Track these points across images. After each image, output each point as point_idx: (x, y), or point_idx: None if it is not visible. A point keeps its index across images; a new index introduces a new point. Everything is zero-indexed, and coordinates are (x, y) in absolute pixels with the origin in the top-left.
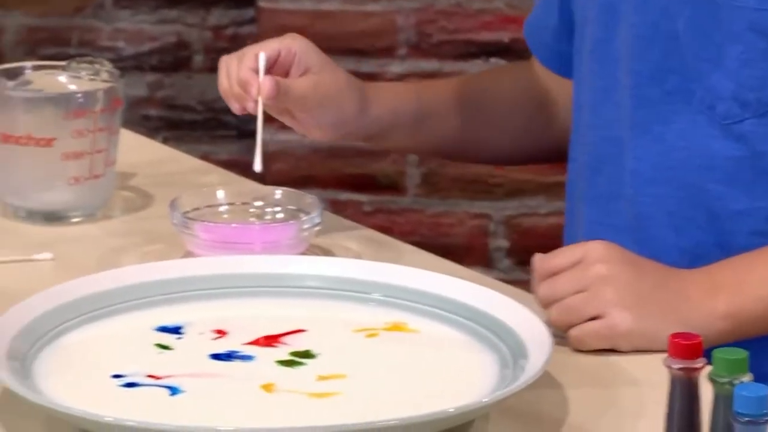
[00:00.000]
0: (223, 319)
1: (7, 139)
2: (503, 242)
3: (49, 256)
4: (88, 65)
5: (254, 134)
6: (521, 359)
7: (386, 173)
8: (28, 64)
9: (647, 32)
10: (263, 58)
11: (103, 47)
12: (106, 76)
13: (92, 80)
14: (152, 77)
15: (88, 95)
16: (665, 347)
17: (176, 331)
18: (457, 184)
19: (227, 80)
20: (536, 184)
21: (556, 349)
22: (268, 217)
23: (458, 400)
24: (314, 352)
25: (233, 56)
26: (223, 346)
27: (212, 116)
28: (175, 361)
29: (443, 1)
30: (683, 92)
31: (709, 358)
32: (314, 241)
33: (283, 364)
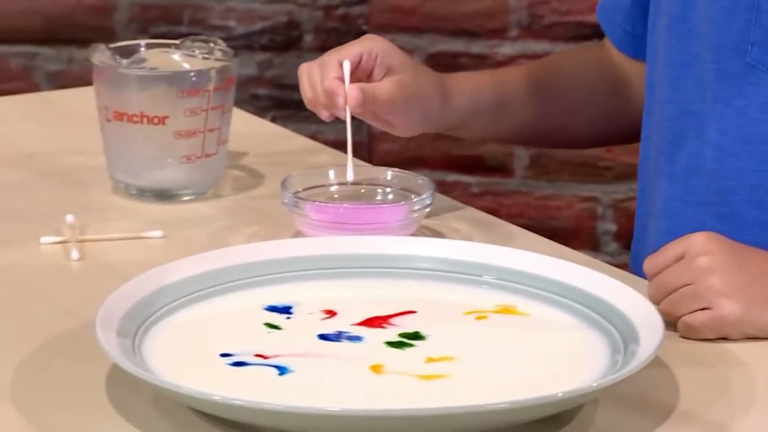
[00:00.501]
0: (332, 299)
1: (120, 116)
2: (611, 226)
3: (159, 234)
4: (202, 44)
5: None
6: (632, 344)
7: (494, 155)
8: (142, 42)
9: (729, 5)
10: (348, 66)
11: (214, 26)
12: (219, 54)
13: (206, 59)
14: (262, 56)
15: (201, 74)
16: None
17: (286, 310)
18: (565, 166)
19: (311, 90)
20: None
21: (666, 334)
22: (378, 197)
23: (568, 384)
24: (423, 333)
25: (314, 64)
26: (332, 326)
27: None
28: (283, 340)
29: None
30: (766, 64)
31: None
32: (424, 222)
33: (391, 345)
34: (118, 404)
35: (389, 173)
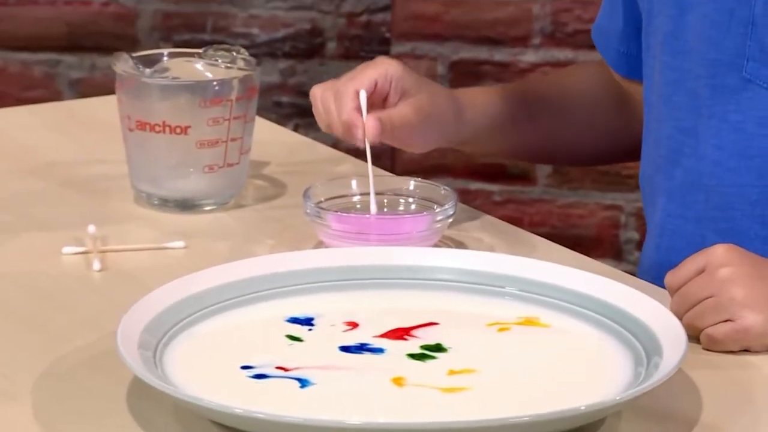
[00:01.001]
0: (354, 310)
1: (142, 126)
2: (634, 234)
3: (181, 244)
4: (224, 53)
5: None
6: (655, 356)
7: (517, 163)
8: (165, 51)
9: (723, 19)
10: (364, 96)
11: (237, 33)
12: (242, 64)
13: (228, 68)
14: (285, 64)
15: (224, 83)
16: None
17: (308, 322)
18: (588, 175)
19: (327, 116)
20: None
21: (689, 346)
22: (401, 208)
23: (591, 397)
24: (445, 345)
25: (329, 93)
26: (353, 338)
27: None
28: (305, 352)
29: None
30: (762, 78)
31: None
32: (446, 232)
33: (413, 357)
34: (138, 416)
35: (412, 183)
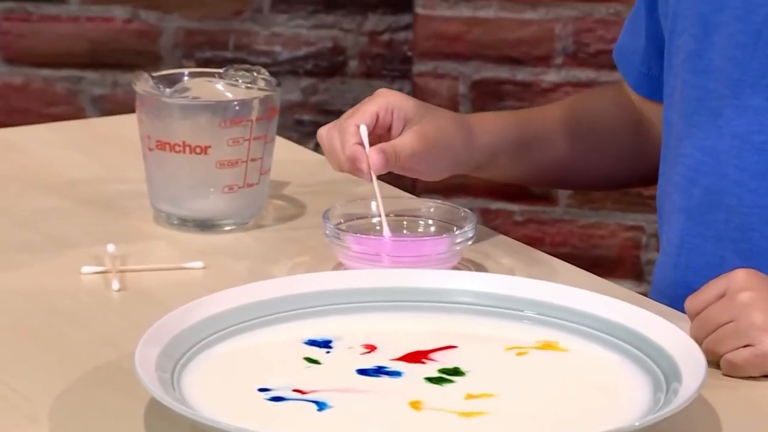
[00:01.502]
0: (372, 333)
1: (162, 146)
2: (655, 255)
3: (200, 264)
4: (245, 73)
5: None
6: (675, 382)
7: None
8: (185, 71)
9: (749, 41)
10: (365, 130)
11: (259, 51)
12: (262, 84)
13: (249, 88)
14: (307, 82)
15: (244, 103)
16: None
17: (326, 345)
18: (609, 195)
19: (335, 156)
20: None
21: (709, 371)
22: (420, 229)
23: (609, 422)
24: (463, 369)
25: (333, 131)
26: (371, 361)
27: None
28: (322, 375)
29: (602, 10)
30: None
31: None
32: (466, 254)
33: (431, 381)
34: None
35: (431, 205)
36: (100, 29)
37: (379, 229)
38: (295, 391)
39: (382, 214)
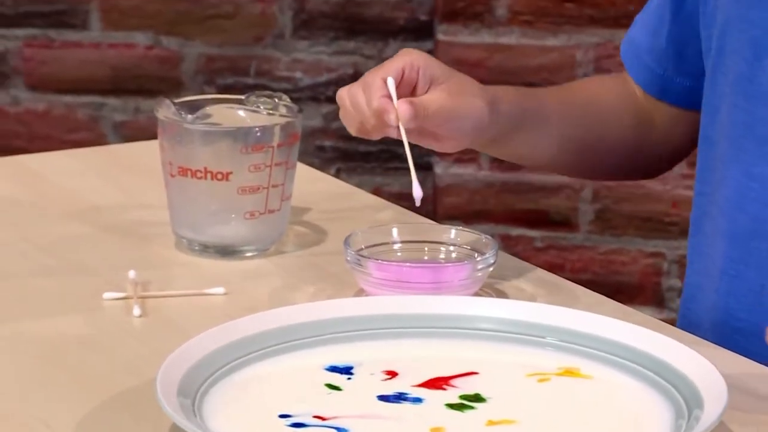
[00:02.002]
0: (394, 359)
1: (184, 172)
2: (676, 282)
3: (221, 290)
4: (266, 99)
5: (426, 167)
6: (696, 409)
7: (559, 209)
8: (207, 97)
9: None
10: (392, 82)
11: (280, 77)
12: (284, 110)
13: (270, 114)
14: (328, 108)
15: (265, 130)
16: None
17: (347, 371)
18: (631, 221)
19: (356, 112)
20: None
21: (730, 399)
22: (442, 256)
23: None
24: (484, 395)
25: (356, 87)
26: (392, 387)
27: (386, 148)
28: (343, 401)
29: (623, 36)
30: None
31: None
32: (487, 281)
33: (452, 407)
34: None
35: (453, 231)
36: (121, 55)
37: (400, 255)
38: (315, 417)
39: (411, 168)
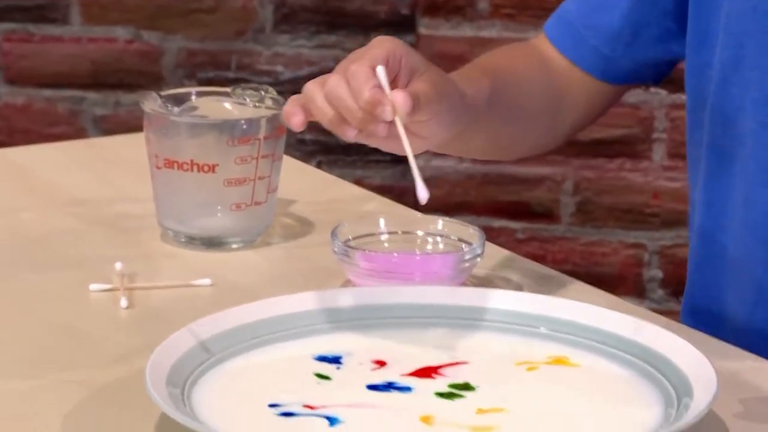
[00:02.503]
0: (382, 349)
1: (170, 164)
2: (657, 273)
3: (208, 282)
4: (252, 92)
5: (405, 159)
6: (686, 397)
7: (540, 201)
8: (193, 89)
9: None
10: (383, 72)
11: (261, 71)
12: (270, 103)
13: (257, 107)
14: None
15: (252, 122)
16: None
17: (336, 360)
18: (612, 213)
19: (338, 105)
20: None
21: (720, 387)
22: (429, 247)
23: None
24: (473, 384)
25: (335, 79)
26: (381, 376)
27: None
28: (333, 391)
29: None
30: None
31: None
32: (474, 271)
33: (441, 396)
34: None
35: (440, 222)
36: (102, 50)
37: (388, 246)
38: (305, 406)
39: (413, 166)
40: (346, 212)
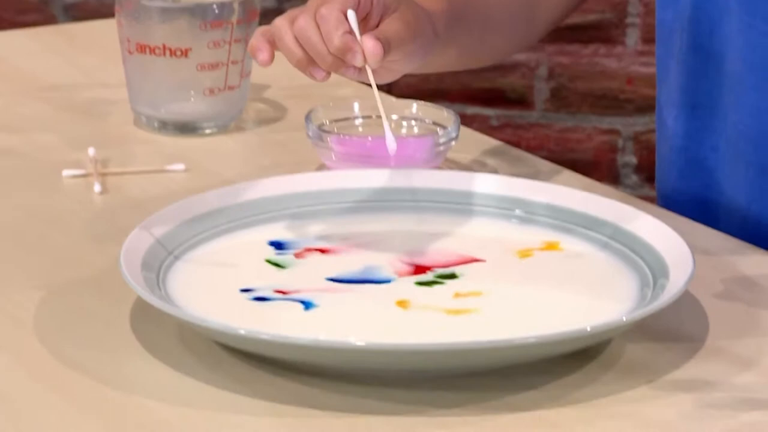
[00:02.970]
0: (359, 234)
1: (142, 49)
2: (631, 158)
3: (181, 167)
4: None
5: None
6: (662, 278)
7: (514, 87)
8: None
9: None
10: (354, 17)
11: None
12: None
13: None
14: None
15: (224, 6)
16: None
17: (293, 247)
18: (586, 99)
19: (309, 47)
20: None
21: (696, 268)
22: (404, 131)
23: (597, 318)
24: (458, 273)
25: (304, 20)
26: (360, 261)
27: None
28: (309, 275)
29: None
30: None
31: None
32: (449, 155)
33: (422, 284)
34: (142, 337)
35: (414, 106)
36: None
37: (362, 130)
38: (277, 291)
39: (384, 116)
40: (320, 97)
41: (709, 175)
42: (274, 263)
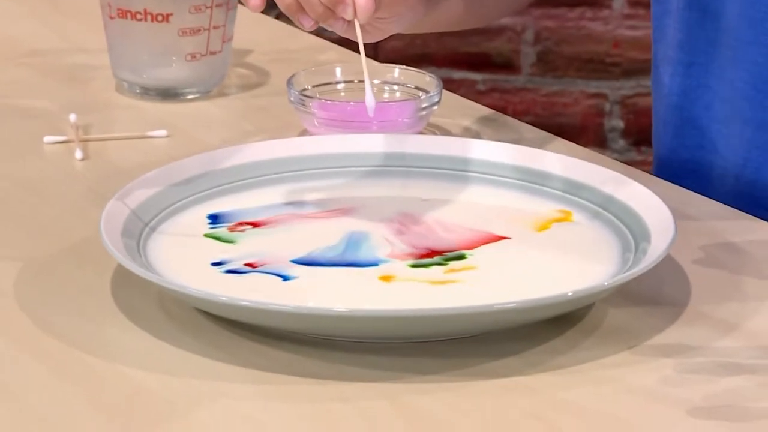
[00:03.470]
0: (344, 198)
1: (123, 14)
2: (618, 122)
3: (163, 133)
4: None
5: None
6: (643, 242)
7: (501, 52)
8: None
9: None
10: None
11: None
12: None
13: None
14: None
15: None
16: None
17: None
18: (572, 63)
19: (308, 4)
20: None
21: (678, 233)
22: (386, 95)
23: (578, 283)
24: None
25: None
26: (345, 226)
27: None
28: (292, 241)
29: None
30: None
31: None
32: (432, 119)
33: (415, 266)
34: (123, 305)
35: (396, 70)
36: None
37: (344, 95)
38: (246, 264)
39: (366, 73)
40: (302, 62)
41: (702, 134)
42: (215, 237)
